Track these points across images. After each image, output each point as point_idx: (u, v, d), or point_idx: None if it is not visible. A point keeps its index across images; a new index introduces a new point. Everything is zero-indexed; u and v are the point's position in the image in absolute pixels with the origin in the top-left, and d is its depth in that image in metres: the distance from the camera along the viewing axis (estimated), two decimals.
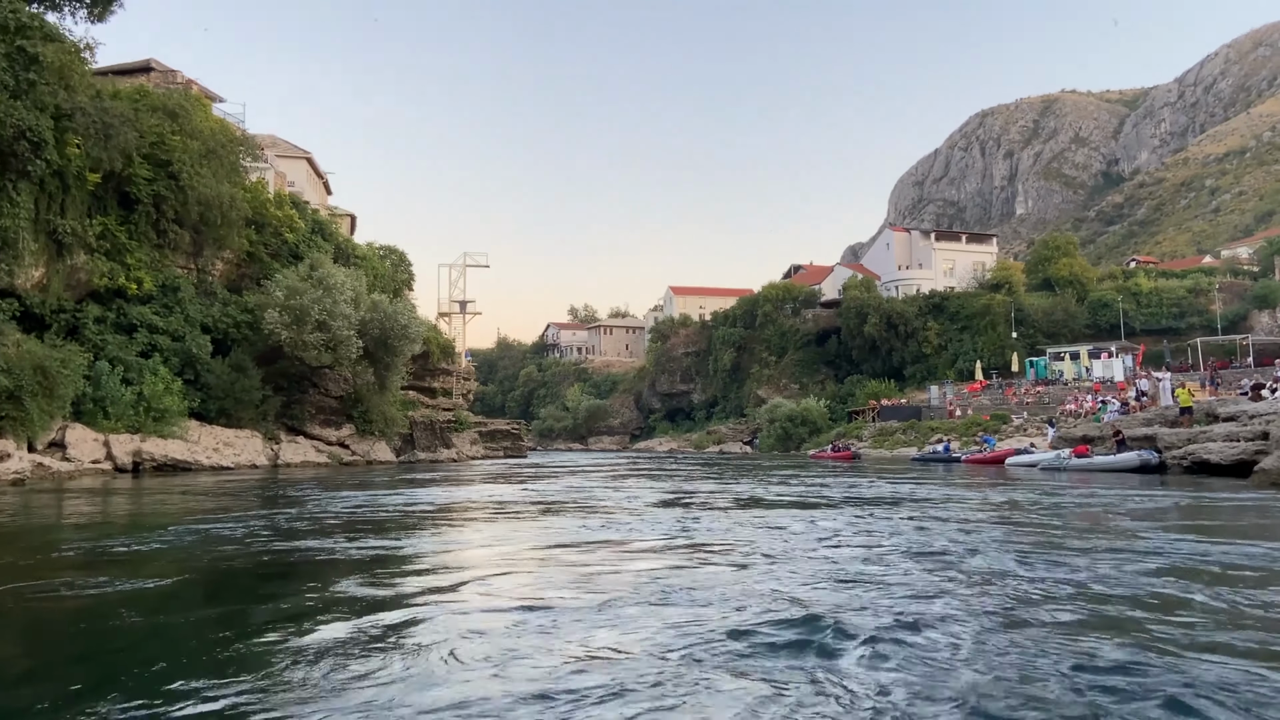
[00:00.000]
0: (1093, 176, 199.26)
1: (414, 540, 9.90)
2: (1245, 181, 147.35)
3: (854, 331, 77.27)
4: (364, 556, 8.35)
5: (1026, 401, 58.30)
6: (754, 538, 9.61)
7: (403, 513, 13.09)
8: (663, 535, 10.08)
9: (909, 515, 11.87)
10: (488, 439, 50.01)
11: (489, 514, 13.37)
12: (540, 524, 11.71)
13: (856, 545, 8.83)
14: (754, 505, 14.15)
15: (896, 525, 10.86)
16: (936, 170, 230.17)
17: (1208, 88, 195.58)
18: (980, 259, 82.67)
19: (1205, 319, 66.54)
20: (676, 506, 14.09)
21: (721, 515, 12.21)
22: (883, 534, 9.90)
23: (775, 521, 11.24)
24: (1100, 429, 30.76)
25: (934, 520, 11.42)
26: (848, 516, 11.79)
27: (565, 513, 12.98)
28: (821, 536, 9.70)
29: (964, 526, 10.75)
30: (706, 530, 10.51)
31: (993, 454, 37.60)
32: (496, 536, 10.48)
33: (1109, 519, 11.67)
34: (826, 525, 10.96)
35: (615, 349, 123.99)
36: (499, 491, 18.56)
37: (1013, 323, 70.22)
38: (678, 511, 12.98)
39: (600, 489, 18.65)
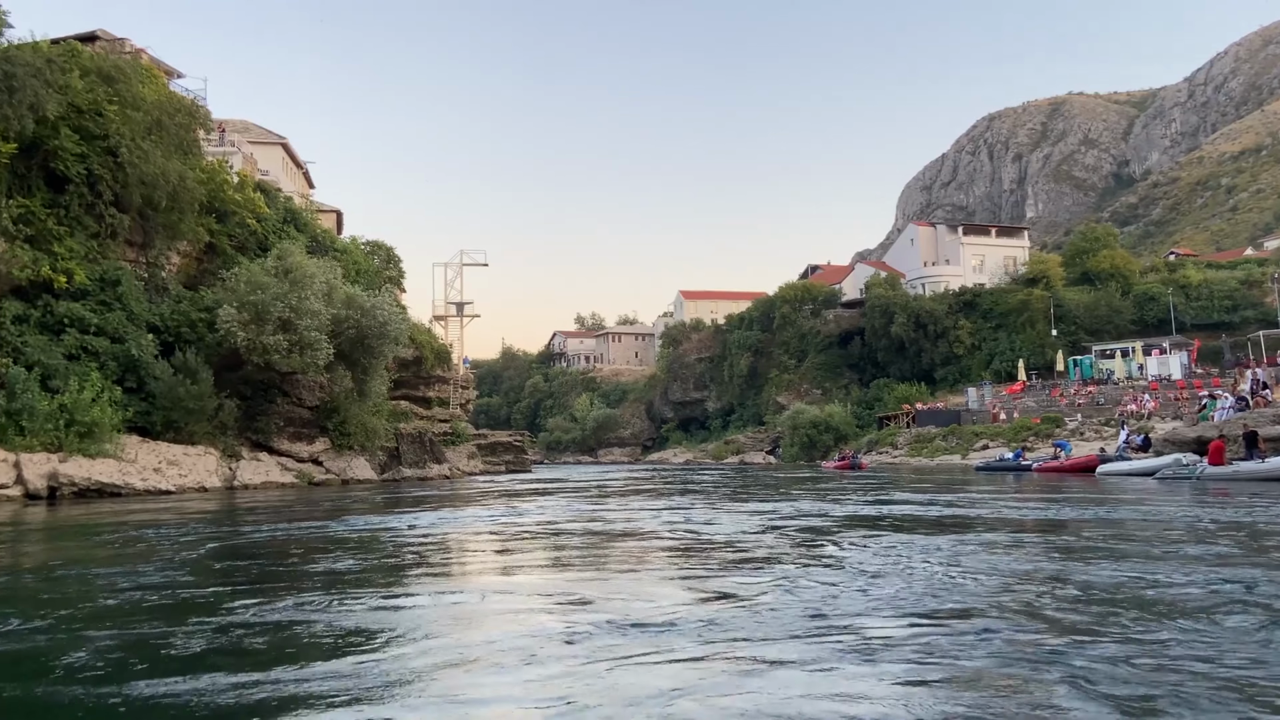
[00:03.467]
0: (1103, 178, 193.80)
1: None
2: (1263, 179, 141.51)
3: (879, 332, 71.52)
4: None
5: (1078, 403, 52.49)
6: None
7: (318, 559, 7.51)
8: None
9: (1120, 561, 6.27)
10: (487, 452, 44.35)
11: (447, 565, 7.82)
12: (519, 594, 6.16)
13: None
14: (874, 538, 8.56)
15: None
16: (944, 174, 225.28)
17: (1218, 87, 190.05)
18: (1012, 253, 76.89)
19: (1261, 311, 60.70)
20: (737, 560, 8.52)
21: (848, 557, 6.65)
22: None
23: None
24: (1221, 428, 24.93)
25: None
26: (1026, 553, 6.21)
27: (571, 568, 7.38)
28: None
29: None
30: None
31: (1073, 461, 31.83)
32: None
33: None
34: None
35: (624, 357, 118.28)
36: (474, 520, 12.97)
37: (1052, 319, 64.42)
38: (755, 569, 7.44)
39: (621, 519, 13.08)
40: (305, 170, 47.40)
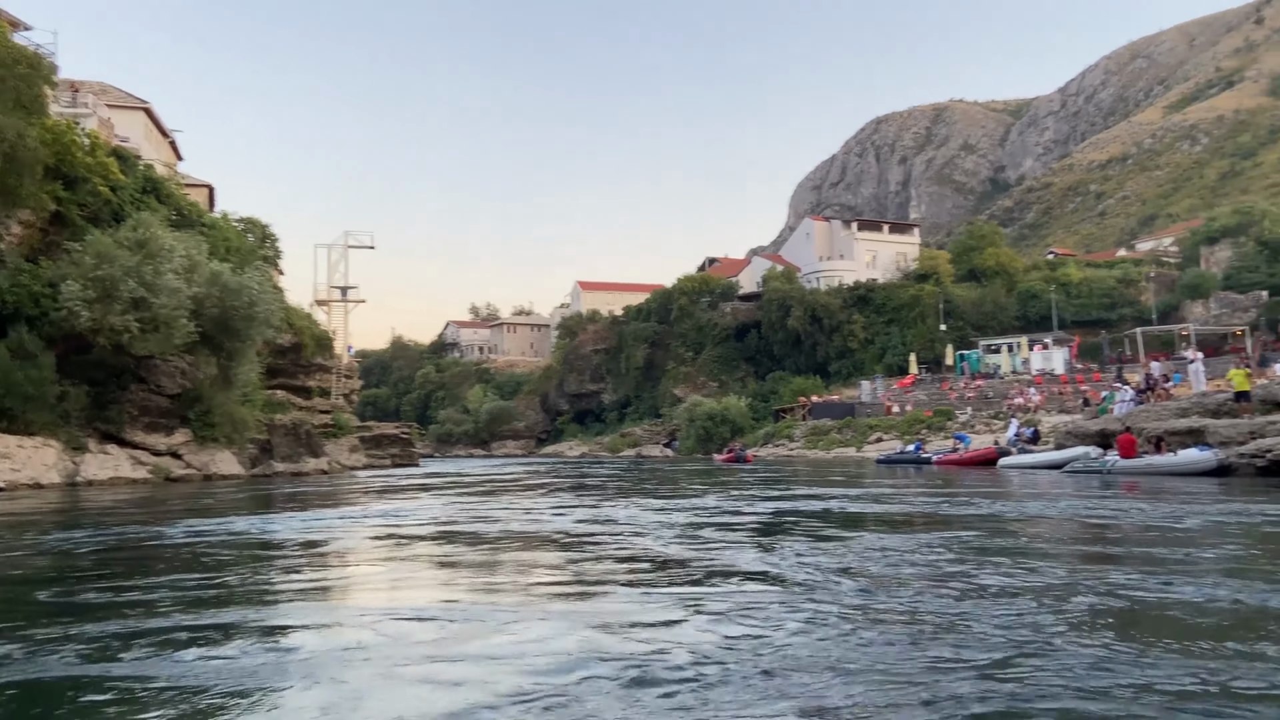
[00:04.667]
0: (981, 182, 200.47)
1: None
2: (1128, 187, 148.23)
3: (776, 325, 71.17)
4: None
5: (968, 396, 52.99)
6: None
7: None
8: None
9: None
10: (371, 446, 41.47)
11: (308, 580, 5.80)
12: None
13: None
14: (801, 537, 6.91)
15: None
16: (834, 175, 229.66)
17: (1089, 97, 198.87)
18: (903, 250, 77.72)
19: (1137, 309, 62.76)
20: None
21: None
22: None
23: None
24: (1124, 421, 24.59)
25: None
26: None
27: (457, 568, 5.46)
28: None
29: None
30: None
31: (972, 454, 31.40)
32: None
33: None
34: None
35: (520, 348, 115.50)
36: (344, 524, 10.82)
37: (941, 315, 65.20)
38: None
39: (512, 519, 11.18)
40: (172, 140, 43.41)
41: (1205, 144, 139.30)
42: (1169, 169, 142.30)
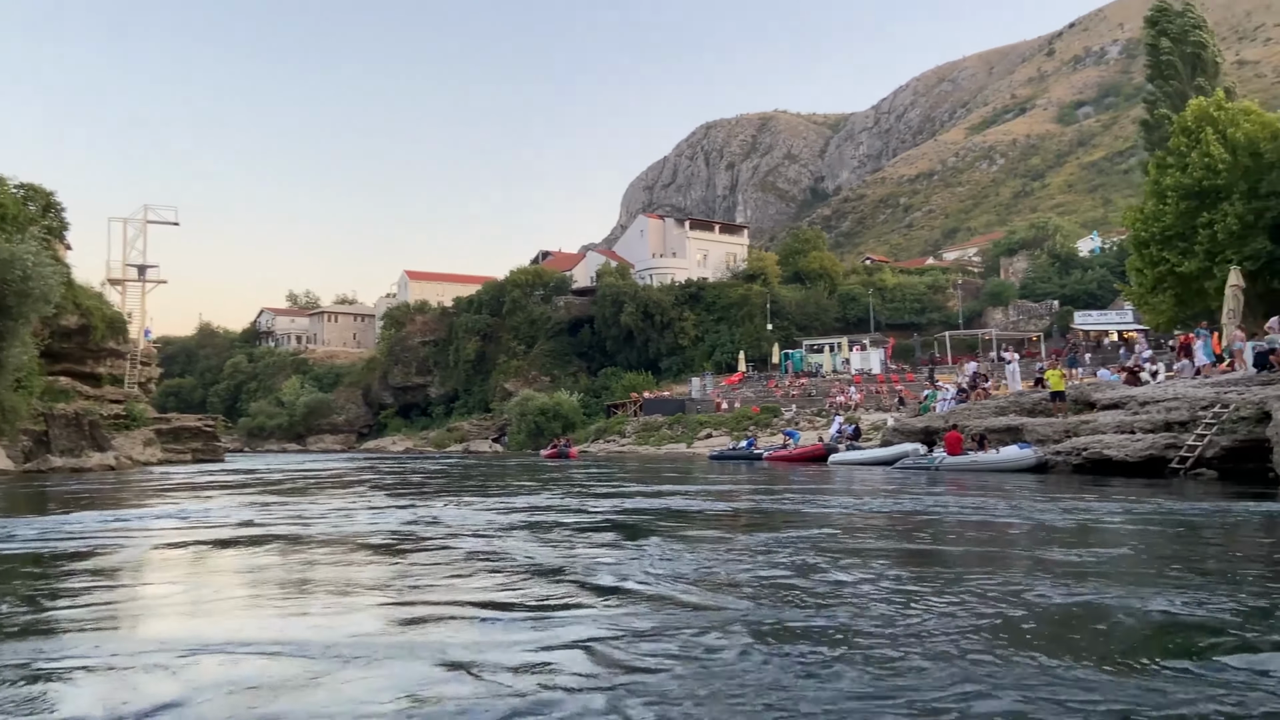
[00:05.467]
0: (802, 191, 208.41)
1: None
2: (934, 201, 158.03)
3: (609, 321, 70.70)
4: None
5: (792, 394, 54.24)
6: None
7: None
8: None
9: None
10: (170, 439, 37.54)
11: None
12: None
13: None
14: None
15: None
16: (665, 176, 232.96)
17: (899, 116, 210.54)
18: (733, 250, 79.11)
19: (945, 314, 66.34)
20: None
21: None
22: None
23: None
24: (947, 418, 25.28)
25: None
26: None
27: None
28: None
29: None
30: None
31: (802, 450, 31.72)
32: None
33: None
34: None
35: (341, 338, 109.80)
36: (122, 527, 8.85)
37: (768, 314, 66.67)
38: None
39: (321, 523, 9.61)
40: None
41: (1001, 164, 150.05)
42: (969, 186, 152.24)
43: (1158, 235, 33.61)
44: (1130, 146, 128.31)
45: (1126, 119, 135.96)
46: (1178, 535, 8.53)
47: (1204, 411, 18.72)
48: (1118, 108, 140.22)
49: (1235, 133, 31.52)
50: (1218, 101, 33.24)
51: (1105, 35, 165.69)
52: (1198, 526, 9.16)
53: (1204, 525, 9.26)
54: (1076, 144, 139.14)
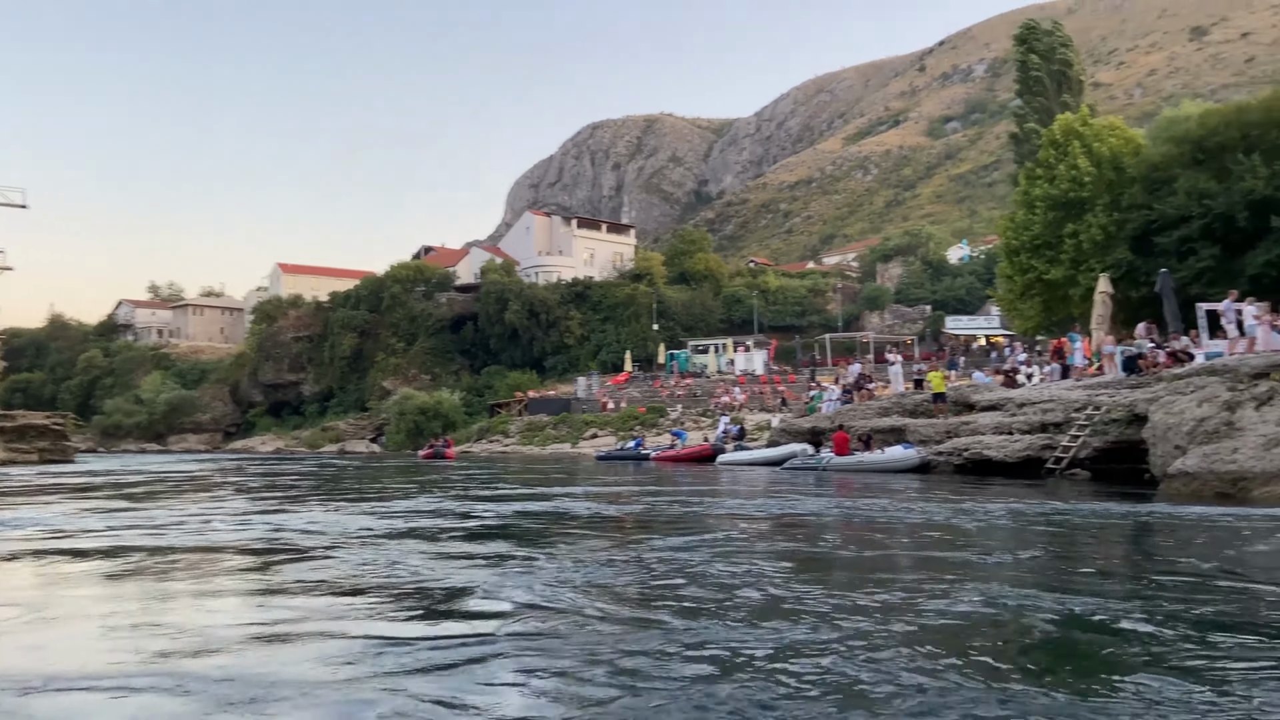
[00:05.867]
0: (687, 194, 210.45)
1: None
2: (812, 207, 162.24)
3: (493, 318, 69.24)
4: None
5: (678, 394, 54.24)
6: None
7: None
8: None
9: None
10: (14, 438, 34.29)
11: None
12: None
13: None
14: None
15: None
16: (551, 175, 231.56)
17: (780, 123, 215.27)
18: (620, 249, 78.79)
19: (825, 317, 67.77)
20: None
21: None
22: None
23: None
24: (833, 419, 25.45)
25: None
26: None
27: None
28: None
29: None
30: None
31: (689, 450, 31.49)
32: None
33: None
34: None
35: (208, 332, 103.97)
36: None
37: (654, 314, 66.65)
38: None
39: (199, 523, 8.49)
40: None
41: (875, 174, 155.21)
42: (845, 194, 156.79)
43: (1027, 244, 34.95)
44: (994, 161, 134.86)
45: (991, 135, 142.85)
46: (1075, 538, 8.43)
47: (1077, 413, 19.27)
48: (983, 123, 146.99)
49: (1100, 147, 33.05)
50: (1083, 117, 34.83)
51: (973, 54, 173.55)
52: (1089, 528, 9.11)
53: (1099, 527, 9.23)
54: (945, 157, 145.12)
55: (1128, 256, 31.35)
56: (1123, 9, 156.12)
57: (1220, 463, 12.09)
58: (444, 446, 42.20)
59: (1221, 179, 29.76)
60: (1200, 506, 10.63)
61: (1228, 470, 11.92)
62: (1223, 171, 29.99)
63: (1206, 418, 12.96)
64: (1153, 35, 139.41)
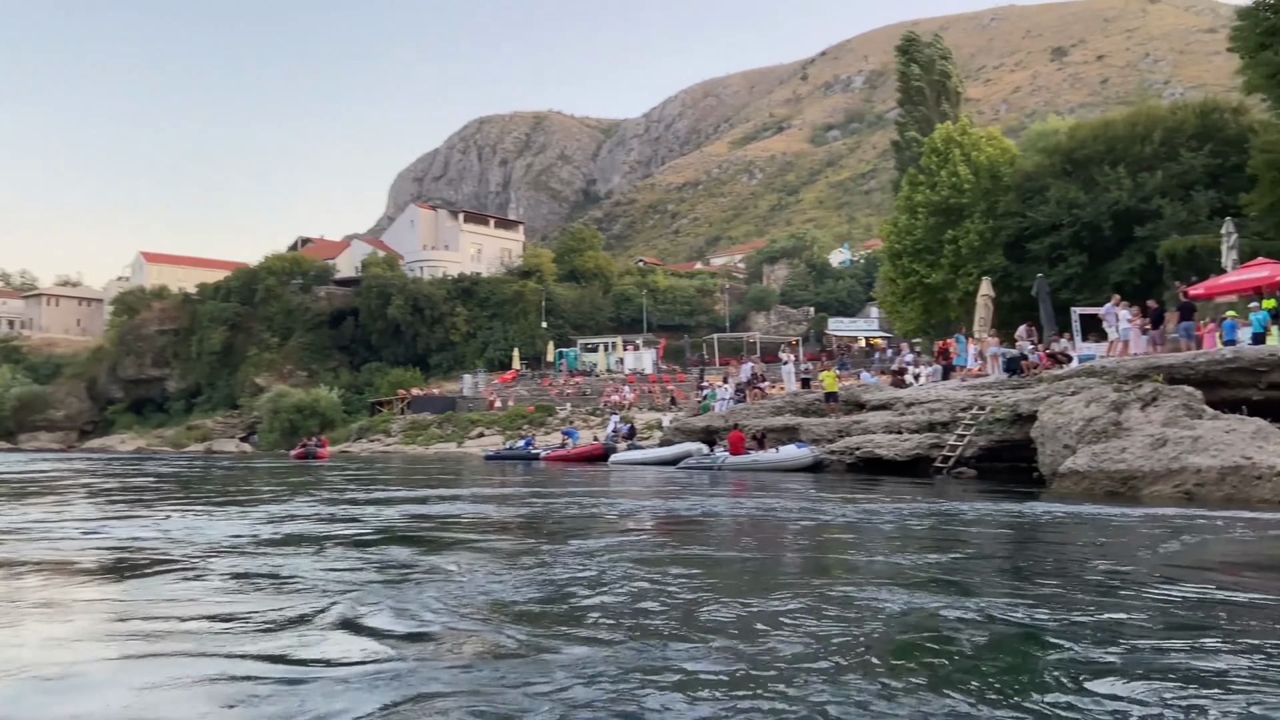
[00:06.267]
0: (575, 192, 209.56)
1: None
2: (699, 209, 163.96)
3: (375, 314, 66.88)
4: None
5: (567, 393, 53.54)
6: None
7: None
8: None
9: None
10: None
11: None
12: None
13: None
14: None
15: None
16: (436, 169, 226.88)
17: (668, 126, 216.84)
18: (508, 245, 77.38)
19: (713, 317, 68.24)
20: None
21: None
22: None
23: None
24: (727, 418, 25.30)
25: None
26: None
27: None
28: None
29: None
30: None
31: (580, 449, 30.89)
32: None
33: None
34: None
35: (63, 324, 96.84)
36: None
37: (543, 312, 65.72)
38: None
39: (46, 530, 7.37)
40: None
41: (760, 178, 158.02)
42: (731, 197, 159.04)
43: (909, 248, 35.83)
44: (872, 169, 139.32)
45: (869, 144, 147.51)
46: (976, 537, 8.26)
47: (963, 413, 19.60)
48: (861, 133, 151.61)
49: (979, 156, 34.13)
50: (964, 126, 35.93)
51: (852, 66, 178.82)
52: (990, 527, 8.98)
53: (1008, 527, 9.10)
54: (826, 164, 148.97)
55: (1003, 262, 32.45)
56: (990, 29, 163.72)
57: (1110, 462, 12.29)
58: (316, 446, 40.22)
59: (1089, 189, 31.15)
60: (1095, 506, 10.70)
61: (1117, 469, 12.13)
62: (1090, 182, 31.41)
63: (1095, 418, 13.20)
64: (1018, 54, 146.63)
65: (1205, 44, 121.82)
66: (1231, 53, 22.62)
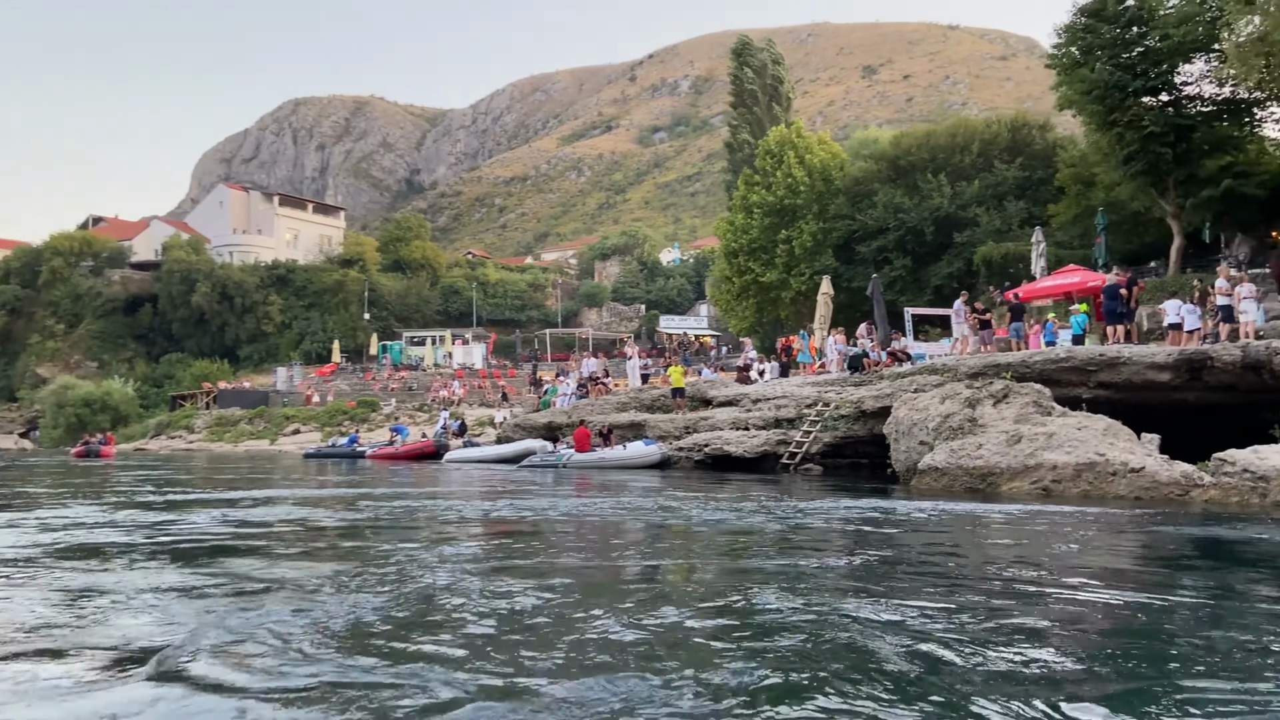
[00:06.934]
0: (398, 182, 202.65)
1: None
2: (527, 204, 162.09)
3: (177, 300, 61.33)
4: None
5: (392, 388, 50.96)
6: None
7: None
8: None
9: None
10: None
11: None
12: None
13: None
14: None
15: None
16: (246, 150, 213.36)
17: (496, 118, 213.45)
18: (328, 232, 72.96)
19: (544, 313, 67.10)
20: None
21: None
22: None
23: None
24: (570, 414, 24.36)
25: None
26: None
27: None
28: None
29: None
30: None
31: (410, 447, 29.04)
32: None
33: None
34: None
35: None
36: None
37: (366, 303, 62.40)
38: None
39: None
40: None
41: (588, 176, 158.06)
42: (559, 194, 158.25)
43: (745, 247, 36.14)
44: (697, 172, 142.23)
45: (694, 147, 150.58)
46: (831, 537, 7.75)
47: (809, 409, 19.58)
48: (688, 136, 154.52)
49: (812, 159, 34.83)
50: (798, 129, 36.62)
51: (679, 70, 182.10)
52: (848, 526, 8.53)
53: (872, 524, 8.67)
54: (653, 165, 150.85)
55: (833, 263, 33.27)
56: (807, 44, 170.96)
57: (967, 458, 12.28)
58: (100, 443, 36.09)
59: (913, 195, 32.42)
60: (962, 503, 10.52)
61: (975, 466, 12.12)
62: (914, 189, 32.69)
63: (951, 414, 13.21)
64: (832, 70, 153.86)
65: (998, 70, 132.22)
66: (1050, 69, 23.90)
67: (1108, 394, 15.07)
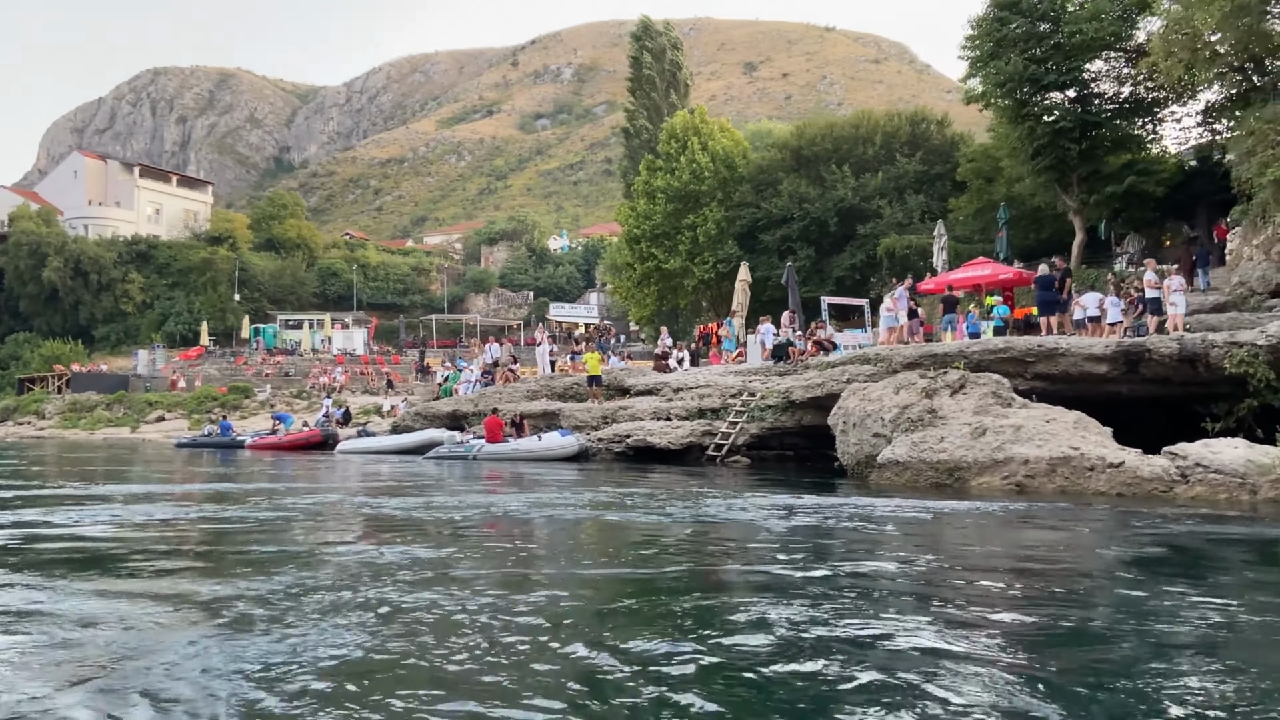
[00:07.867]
0: (266, 159, 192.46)
1: None
2: (404, 187, 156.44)
3: (25, 276, 55.60)
4: None
5: (266, 373, 47.58)
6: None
7: None
8: None
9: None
10: None
11: None
12: None
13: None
14: None
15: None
16: (101, 120, 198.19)
17: (372, 98, 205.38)
18: (194, 208, 67.64)
19: (428, 298, 64.35)
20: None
21: None
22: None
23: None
24: (475, 403, 22.71)
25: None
26: None
27: None
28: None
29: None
30: None
31: (294, 437, 26.68)
32: None
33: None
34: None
35: None
36: None
37: (236, 283, 58.18)
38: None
39: None
40: None
41: (469, 160, 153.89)
42: (439, 177, 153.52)
43: (648, 233, 35.09)
44: (580, 161, 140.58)
45: (577, 136, 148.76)
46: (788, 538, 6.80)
47: (734, 399, 18.70)
48: (570, 124, 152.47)
49: (715, 145, 34.05)
50: (701, 113, 35.77)
51: (561, 57, 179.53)
52: (807, 525, 7.59)
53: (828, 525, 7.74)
54: (535, 152, 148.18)
55: (737, 251, 32.63)
56: (689, 38, 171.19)
57: (930, 452, 11.56)
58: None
59: (817, 185, 32.08)
60: (932, 500, 9.73)
61: (940, 460, 11.41)
62: (818, 179, 32.36)
63: (909, 405, 12.49)
64: (714, 65, 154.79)
65: (871, 72, 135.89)
66: (961, 60, 23.80)
67: (1044, 385, 14.74)
